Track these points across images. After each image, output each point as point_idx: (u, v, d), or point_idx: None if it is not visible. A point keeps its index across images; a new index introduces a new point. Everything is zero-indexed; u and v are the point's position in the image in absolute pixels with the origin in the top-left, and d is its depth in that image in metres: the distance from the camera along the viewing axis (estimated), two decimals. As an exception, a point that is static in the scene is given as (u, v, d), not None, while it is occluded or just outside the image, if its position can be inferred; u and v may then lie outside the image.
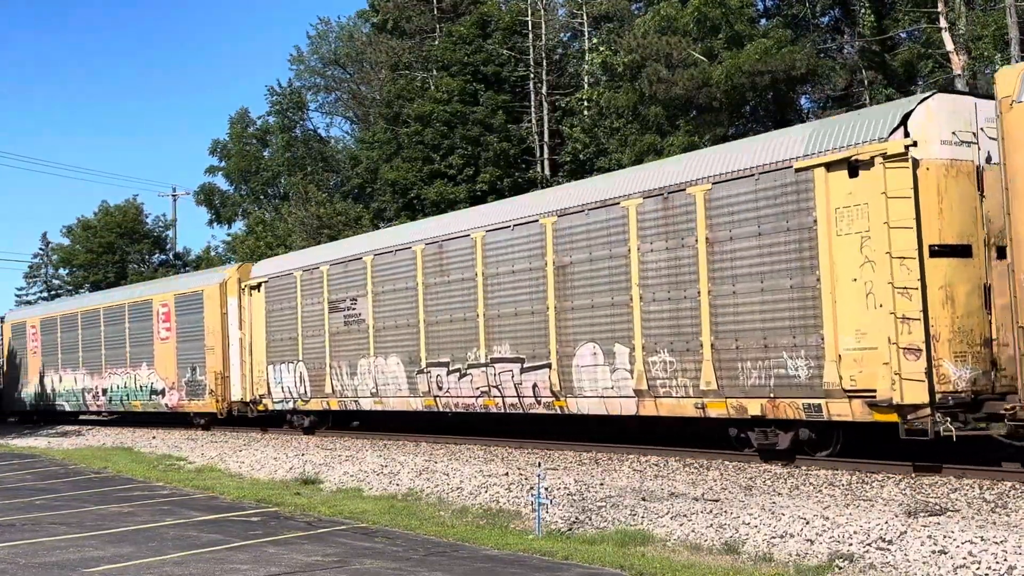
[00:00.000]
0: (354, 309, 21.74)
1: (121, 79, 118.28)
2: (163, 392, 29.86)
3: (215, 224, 61.87)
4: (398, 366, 20.49)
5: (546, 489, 11.66)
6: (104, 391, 33.07)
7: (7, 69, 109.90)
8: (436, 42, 41.15)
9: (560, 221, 16.91)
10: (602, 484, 12.67)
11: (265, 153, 58.23)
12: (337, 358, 22.30)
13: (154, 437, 27.85)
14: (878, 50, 31.20)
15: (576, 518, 11.21)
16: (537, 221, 17.41)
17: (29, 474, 20.15)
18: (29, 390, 38.17)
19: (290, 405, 24.21)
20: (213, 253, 59.99)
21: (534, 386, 17.37)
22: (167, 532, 11.87)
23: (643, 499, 11.44)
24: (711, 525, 10.12)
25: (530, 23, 39.60)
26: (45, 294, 68.96)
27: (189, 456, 21.47)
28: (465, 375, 18.88)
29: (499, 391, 18.15)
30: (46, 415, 38.45)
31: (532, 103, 39.95)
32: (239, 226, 59.38)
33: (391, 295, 20.88)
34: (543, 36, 40.00)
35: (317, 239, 37.68)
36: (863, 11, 32.59)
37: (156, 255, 62.44)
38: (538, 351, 17.26)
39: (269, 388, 24.85)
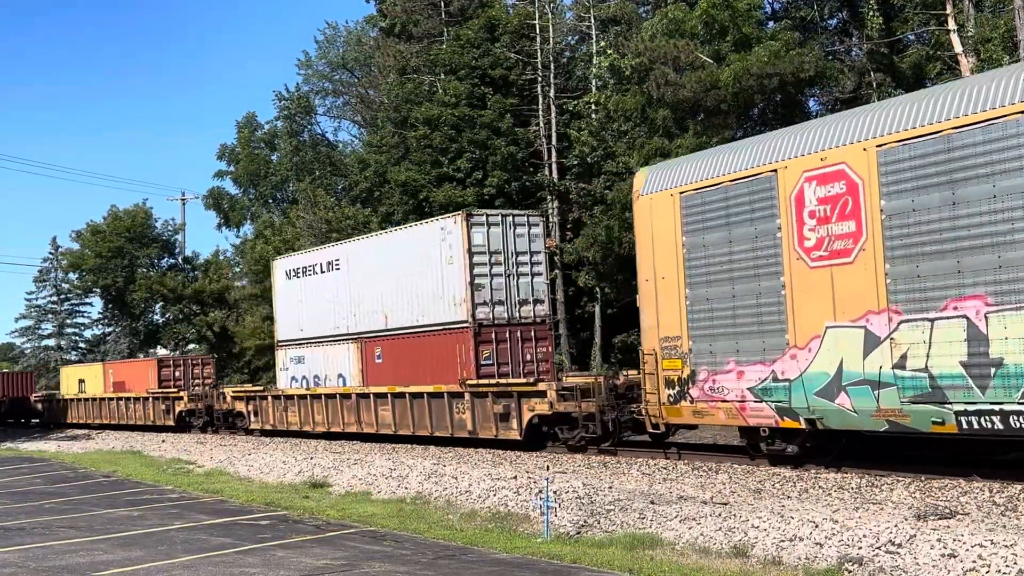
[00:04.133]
0: None
1: (129, 84, 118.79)
2: None
3: (224, 228, 62.08)
4: None
5: (554, 492, 11.66)
6: None
7: (16, 73, 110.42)
8: (444, 46, 41.17)
9: None
10: (610, 487, 12.65)
11: (273, 157, 58.34)
12: None
13: (163, 441, 27.91)
14: (886, 52, 31.12)
15: (584, 521, 11.19)
16: None
17: (39, 478, 20.22)
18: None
19: None
20: (222, 257, 60.18)
21: None
22: (176, 536, 11.90)
23: (652, 502, 11.42)
24: (720, 528, 10.10)
25: (537, 27, 39.61)
26: (55, 299, 69.26)
27: (198, 460, 21.51)
28: None
29: None
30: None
31: (540, 106, 39.93)
32: (247, 230, 59.57)
33: None
34: (550, 39, 39.99)
35: (324, 243, 37.71)
36: (871, 13, 32.51)
37: (165, 259, 62.71)
38: None
39: None
